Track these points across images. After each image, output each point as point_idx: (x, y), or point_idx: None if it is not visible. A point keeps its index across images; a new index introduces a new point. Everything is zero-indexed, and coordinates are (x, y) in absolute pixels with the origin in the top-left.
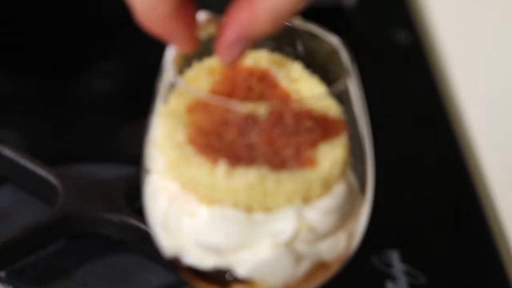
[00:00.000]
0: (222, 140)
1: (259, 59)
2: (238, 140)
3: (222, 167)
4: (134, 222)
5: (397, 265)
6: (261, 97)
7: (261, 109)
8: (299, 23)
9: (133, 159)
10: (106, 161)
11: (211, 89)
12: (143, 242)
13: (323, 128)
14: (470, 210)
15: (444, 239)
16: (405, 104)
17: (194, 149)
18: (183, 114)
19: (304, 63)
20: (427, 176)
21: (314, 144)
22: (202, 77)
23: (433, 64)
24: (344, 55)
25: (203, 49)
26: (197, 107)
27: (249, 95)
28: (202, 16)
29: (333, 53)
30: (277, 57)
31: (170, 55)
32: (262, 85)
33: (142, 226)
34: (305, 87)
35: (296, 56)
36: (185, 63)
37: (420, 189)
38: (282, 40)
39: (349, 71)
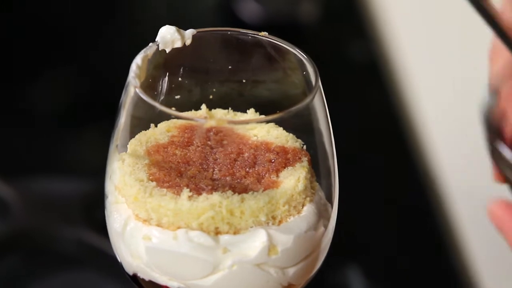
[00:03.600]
0: (184, 176)
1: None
2: (200, 175)
3: (185, 193)
4: (90, 238)
5: (356, 279)
6: (219, 143)
7: (224, 123)
8: (265, 36)
9: (88, 170)
10: (60, 172)
11: (169, 141)
12: (98, 258)
13: (283, 157)
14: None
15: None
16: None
17: (156, 184)
18: (144, 156)
19: (269, 77)
20: (384, 190)
21: (277, 171)
22: (160, 133)
23: (389, 79)
24: (310, 70)
25: None
26: (156, 150)
27: (206, 143)
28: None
29: (298, 68)
30: (231, 113)
31: (135, 68)
32: (220, 136)
33: (98, 242)
34: (261, 131)
35: (261, 69)
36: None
37: (376, 203)
38: (248, 53)
39: (314, 87)
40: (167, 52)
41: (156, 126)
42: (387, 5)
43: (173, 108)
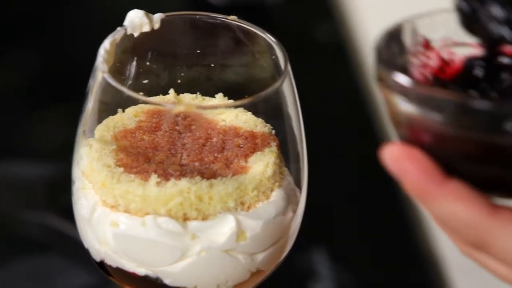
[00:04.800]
0: (152, 161)
1: (182, 100)
2: (168, 160)
3: (154, 179)
4: (56, 223)
5: (323, 263)
6: (187, 128)
7: (192, 108)
8: (234, 20)
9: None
10: (24, 156)
11: (137, 126)
12: (65, 244)
13: (252, 142)
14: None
15: (369, 236)
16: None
17: (124, 170)
18: (111, 142)
19: (238, 61)
20: (353, 174)
21: (245, 156)
22: (128, 118)
23: (356, 60)
24: (279, 54)
25: None
26: (124, 135)
27: (174, 128)
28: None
29: (267, 51)
30: (199, 97)
31: (103, 53)
32: (188, 121)
33: (63, 227)
34: (230, 116)
35: (229, 53)
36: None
37: (344, 187)
38: (217, 37)
39: (283, 71)
40: (135, 36)
41: (123, 111)
42: None
43: (141, 93)
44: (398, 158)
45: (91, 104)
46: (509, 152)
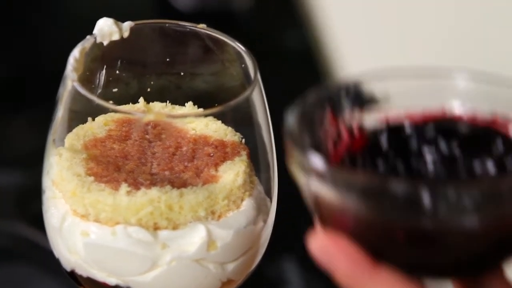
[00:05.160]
0: (122, 170)
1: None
2: (138, 170)
3: (124, 188)
4: (26, 232)
5: (294, 271)
6: (157, 137)
7: (162, 117)
8: (204, 28)
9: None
10: None
11: (107, 135)
12: (35, 253)
13: (222, 151)
14: None
15: None
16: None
17: (94, 179)
18: (81, 150)
19: (207, 69)
20: None
21: (215, 165)
22: (98, 127)
23: (324, 67)
24: (249, 63)
25: None
26: (94, 144)
27: (144, 137)
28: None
29: (237, 60)
30: (169, 106)
31: (72, 62)
32: (158, 129)
33: (34, 236)
34: (200, 125)
35: (199, 61)
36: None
37: None
38: (187, 45)
39: (253, 79)
40: (104, 44)
41: (93, 120)
42: None
43: (111, 102)
44: (325, 249)
45: (61, 112)
46: (432, 235)
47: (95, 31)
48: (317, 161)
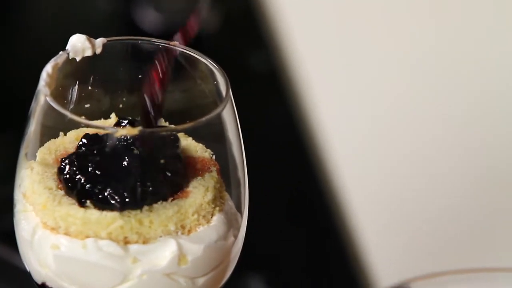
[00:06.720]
0: None
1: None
2: None
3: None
4: None
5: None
6: None
7: (134, 132)
8: (175, 45)
9: None
10: None
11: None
12: (5, 267)
13: (192, 167)
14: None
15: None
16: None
17: (65, 193)
18: (52, 164)
19: (179, 86)
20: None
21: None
22: (70, 142)
23: (289, 89)
24: (221, 80)
25: None
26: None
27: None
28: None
29: (209, 77)
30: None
31: (45, 77)
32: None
33: (4, 251)
34: None
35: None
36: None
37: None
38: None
39: (225, 96)
40: (77, 60)
41: (65, 134)
42: (286, 14)
43: (83, 117)
44: None
45: (33, 127)
46: None
47: (68, 47)
48: None
